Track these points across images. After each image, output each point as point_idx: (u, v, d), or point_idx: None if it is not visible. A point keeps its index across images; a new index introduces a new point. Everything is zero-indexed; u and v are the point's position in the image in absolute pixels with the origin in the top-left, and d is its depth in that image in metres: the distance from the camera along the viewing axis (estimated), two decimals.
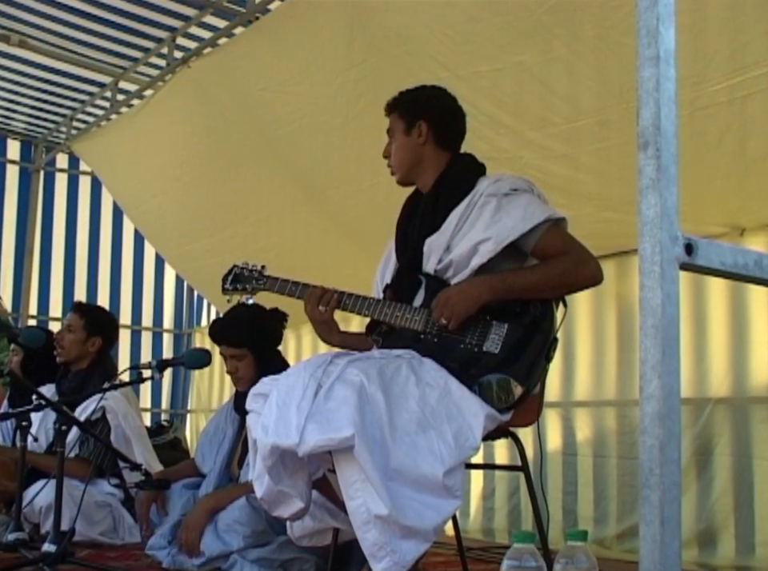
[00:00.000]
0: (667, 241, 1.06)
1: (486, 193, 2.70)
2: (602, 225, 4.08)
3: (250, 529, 3.34)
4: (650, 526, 1.03)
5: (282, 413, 2.28)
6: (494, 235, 2.60)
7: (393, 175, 2.96)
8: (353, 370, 2.36)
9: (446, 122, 2.92)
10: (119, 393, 4.30)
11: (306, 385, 2.31)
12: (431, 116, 2.88)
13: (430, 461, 2.30)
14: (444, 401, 2.45)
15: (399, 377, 2.43)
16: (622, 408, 4.42)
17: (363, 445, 2.17)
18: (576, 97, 3.73)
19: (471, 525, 4.98)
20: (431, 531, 2.26)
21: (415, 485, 2.27)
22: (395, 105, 2.94)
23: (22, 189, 7.39)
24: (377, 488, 2.16)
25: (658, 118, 1.08)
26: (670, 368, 1.04)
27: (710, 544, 3.91)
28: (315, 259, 5.70)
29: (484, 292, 2.59)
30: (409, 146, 2.89)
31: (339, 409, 2.23)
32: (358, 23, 4.15)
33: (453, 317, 2.59)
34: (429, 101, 2.92)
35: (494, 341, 2.59)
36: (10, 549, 3.30)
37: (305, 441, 2.19)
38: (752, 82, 3.20)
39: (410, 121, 2.88)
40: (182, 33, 5.38)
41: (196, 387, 7.98)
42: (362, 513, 2.18)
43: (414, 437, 2.33)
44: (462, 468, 2.39)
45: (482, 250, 2.61)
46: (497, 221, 2.62)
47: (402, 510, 2.20)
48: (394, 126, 2.93)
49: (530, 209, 2.64)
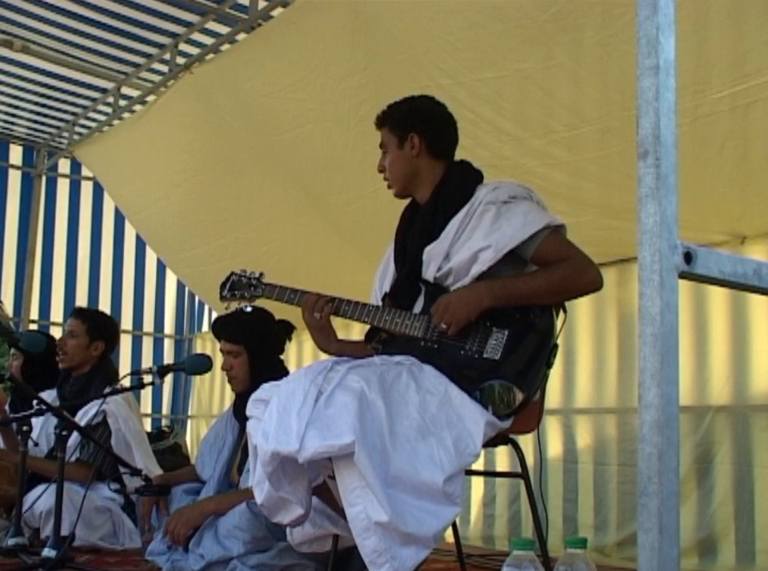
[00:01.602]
0: (666, 250, 1.06)
1: (485, 201, 2.70)
2: (604, 232, 4.09)
3: (251, 534, 3.33)
4: (648, 534, 1.03)
5: (282, 419, 2.28)
6: (493, 243, 2.61)
7: (390, 188, 2.96)
8: (353, 377, 2.36)
9: (438, 132, 2.92)
10: (120, 397, 4.30)
11: (307, 391, 2.31)
12: (422, 128, 2.88)
13: (430, 468, 2.30)
14: (444, 407, 2.45)
15: (400, 383, 2.43)
16: (623, 415, 4.42)
17: (363, 452, 2.17)
18: (578, 104, 3.73)
19: (471, 532, 4.97)
20: (431, 537, 2.26)
21: (415, 492, 2.27)
22: (385, 120, 2.95)
23: (24, 194, 7.39)
24: (377, 494, 2.16)
25: (658, 128, 1.08)
26: (668, 376, 1.04)
27: (710, 552, 3.90)
28: (317, 265, 5.70)
29: (485, 298, 2.59)
30: (403, 160, 2.89)
31: (339, 416, 2.23)
32: (361, 30, 4.16)
33: (453, 323, 2.59)
34: (418, 112, 2.93)
35: (494, 347, 2.59)
36: (10, 553, 3.30)
37: (305, 448, 2.19)
38: (754, 90, 3.21)
39: (402, 134, 2.88)
40: (184, 39, 5.39)
41: (197, 393, 7.98)
42: (361, 519, 2.18)
43: (414, 443, 2.33)
44: (462, 475, 2.39)
45: (482, 258, 2.62)
46: (496, 229, 2.63)
47: (402, 517, 2.20)
48: (386, 140, 2.94)
49: (530, 216, 2.64)
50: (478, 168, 2.93)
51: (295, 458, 2.22)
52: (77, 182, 7.62)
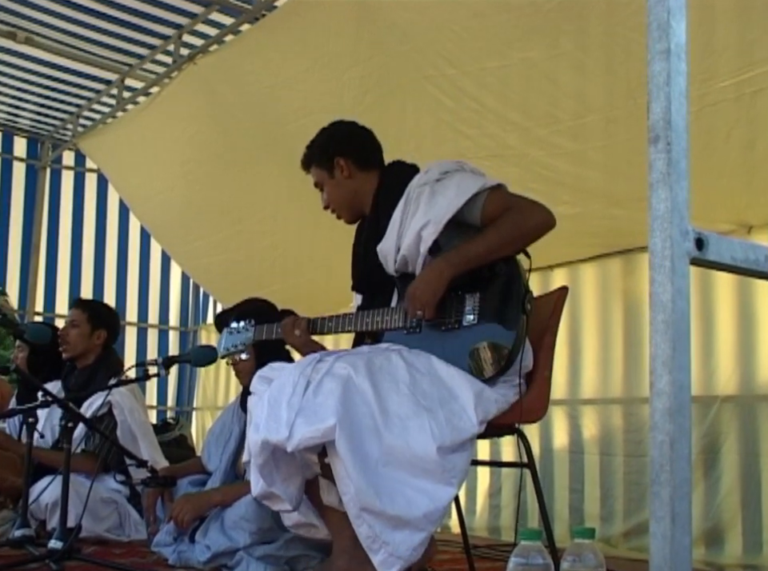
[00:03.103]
0: (678, 236, 1.05)
1: (419, 184, 2.75)
2: (609, 222, 4.08)
3: (257, 525, 3.33)
4: (660, 523, 1.02)
5: (272, 410, 2.35)
6: (432, 217, 2.64)
7: (341, 219, 3.05)
8: (341, 364, 2.43)
9: (358, 147, 3.00)
10: (126, 388, 4.31)
11: (296, 382, 2.37)
12: (343, 149, 2.96)
13: (421, 440, 2.34)
14: (436, 385, 2.49)
15: (389, 365, 2.49)
16: (629, 406, 4.41)
17: (343, 437, 2.22)
18: (583, 93, 3.72)
19: (477, 523, 4.97)
20: (422, 519, 2.27)
21: (410, 468, 2.31)
22: (309, 160, 3.04)
23: (29, 186, 7.39)
24: (356, 479, 2.20)
25: (669, 112, 1.07)
26: (680, 363, 1.03)
27: (717, 542, 3.89)
28: (321, 257, 5.69)
29: (444, 269, 2.61)
30: (339, 186, 2.97)
31: (325, 402, 2.29)
32: (365, 20, 4.14)
33: (425, 306, 2.62)
34: (332, 138, 3.02)
35: (470, 312, 2.62)
36: (17, 545, 3.29)
37: (293, 436, 2.25)
38: (760, 79, 3.19)
39: (328, 164, 2.96)
40: (188, 30, 5.37)
41: (202, 384, 7.99)
42: (351, 507, 2.23)
43: (405, 420, 2.37)
44: (462, 454, 2.41)
45: (425, 235, 2.65)
46: (433, 205, 2.66)
47: (391, 498, 2.23)
48: (318, 179, 3.02)
49: (463, 184, 2.67)
50: (412, 163, 2.96)
51: (285, 447, 2.27)
52: (81, 174, 7.62)
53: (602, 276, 4.63)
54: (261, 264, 6.12)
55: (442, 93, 4.01)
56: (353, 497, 2.21)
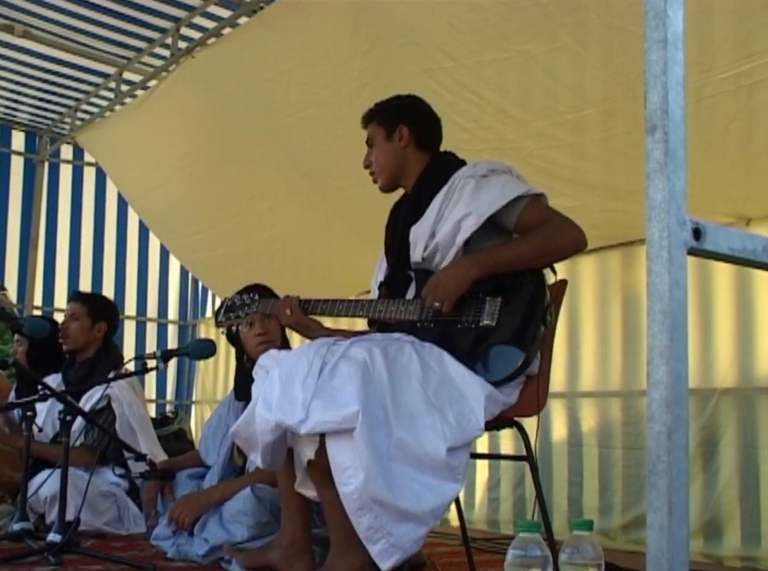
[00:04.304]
0: (675, 226, 1.05)
1: (465, 176, 2.75)
2: (608, 214, 4.07)
3: (255, 519, 3.34)
4: (657, 513, 1.02)
5: (286, 389, 2.32)
6: (474, 210, 2.64)
7: (375, 183, 3.02)
8: (357, 349, 2.41)
9: (426, 125, 3.00)
10: (125, 382, 4.32)
11: (311, 362, 2.35)
12: (411, 119, 2.95)
13: (432, 440, 2.33)
14: (446, 384, 2.49)
15: (403, 356, 2.48)
16: (627, 398, 4.41)
17: (365, 425, 2.21)
18: (581, 86, 3.71)
19: (476, 516, 4.98)
20: (428, 513, 2.28)
21: (417, 464, 2.30)
22: (373, 116, 3.02)
23: (27, 180, 7.37)
24: (373, 470, 2.19)
25: (666, 102, 1.07)
26: (677, 354, 1.03)
27: (715, 534, 3.90)
28: (320, 250, 5.69)
29: (471, 268, 2.61)
30: (391, 151, 2.95)
31: (344, 386, 2.28)
32: (363, 13, 4.13)
33: (445, 299, 2.61)
34: (407, 106, 3.01)
35: (489, 315, 2.61)
36: (16, 538, 3.30)
37: (309, 418, 2.23)
38: (759, 70, 3.18)
39: (391, 127, 2.95)
40: (186, 23, 5.36)
41: (201, 378, 7.99)
42: (354, 499, 2.21)
43: (416, 416, 2.36)
44: (466, 451, 2.42)
45: (465, 226, 2.65)
46: (477, 198, 2.66)
47: (400, 491, 2.23)
48: (373, 135, 3.00)
49: (508, 185, 2.69)
50: (462, 158, 2.96)
51: (298, 431, 2.26)
52: (79, 168, 7.61)
53: (601, 268, 4.62)
54: (259, 257, 6.11)
55: (441, 86, 4.00)
56: (360, 487, 2.19)
